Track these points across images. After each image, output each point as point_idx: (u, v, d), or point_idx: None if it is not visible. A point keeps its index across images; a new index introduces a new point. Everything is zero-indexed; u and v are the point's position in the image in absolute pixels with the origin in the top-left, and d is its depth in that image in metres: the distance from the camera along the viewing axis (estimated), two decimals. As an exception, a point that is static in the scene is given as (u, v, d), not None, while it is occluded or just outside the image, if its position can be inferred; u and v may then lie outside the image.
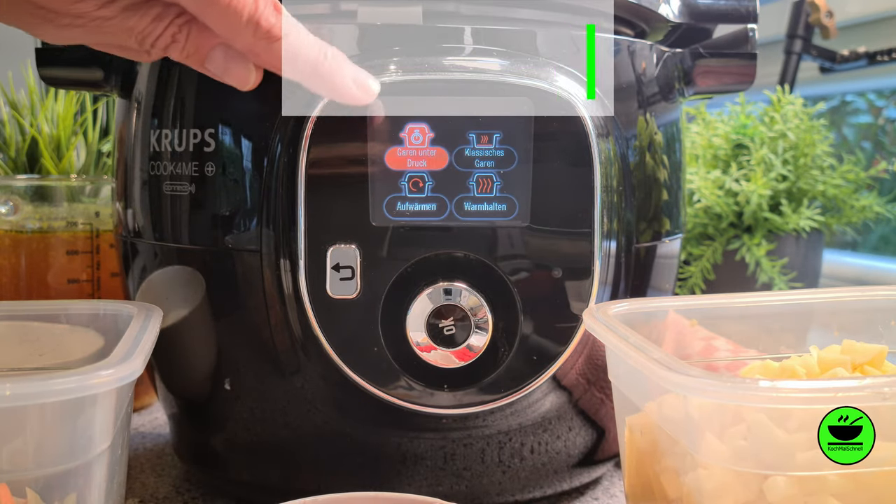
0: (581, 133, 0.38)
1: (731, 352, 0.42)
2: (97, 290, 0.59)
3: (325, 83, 0.35)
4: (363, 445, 0.41)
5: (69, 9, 0.31)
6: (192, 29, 0.34)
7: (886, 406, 0.28)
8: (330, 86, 0.35)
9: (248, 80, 0.35)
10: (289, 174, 0.38)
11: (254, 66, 0.35)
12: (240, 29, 0.32)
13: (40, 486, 0.30)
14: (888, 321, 0.41)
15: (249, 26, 0.32)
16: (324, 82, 0.35)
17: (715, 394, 0.28)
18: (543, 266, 0.39)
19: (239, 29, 0.32)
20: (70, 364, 0.38)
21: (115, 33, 0.33)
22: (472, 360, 0.38)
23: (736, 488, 0.29)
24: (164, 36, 0.33)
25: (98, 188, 0.60)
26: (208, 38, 0.34)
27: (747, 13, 0.47)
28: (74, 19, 0.32)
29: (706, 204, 0.77)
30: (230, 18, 0.32)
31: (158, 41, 0.33)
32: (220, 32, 0.33)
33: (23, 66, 0.67)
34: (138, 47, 0.34)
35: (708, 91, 0.47)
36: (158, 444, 0.55)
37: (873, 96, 1.18)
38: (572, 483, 0.45)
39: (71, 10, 0.31)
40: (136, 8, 0.32)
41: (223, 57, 0.34)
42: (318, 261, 0.38)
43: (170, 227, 0.42)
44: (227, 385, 0.42)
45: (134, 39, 0.33)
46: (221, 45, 0.34)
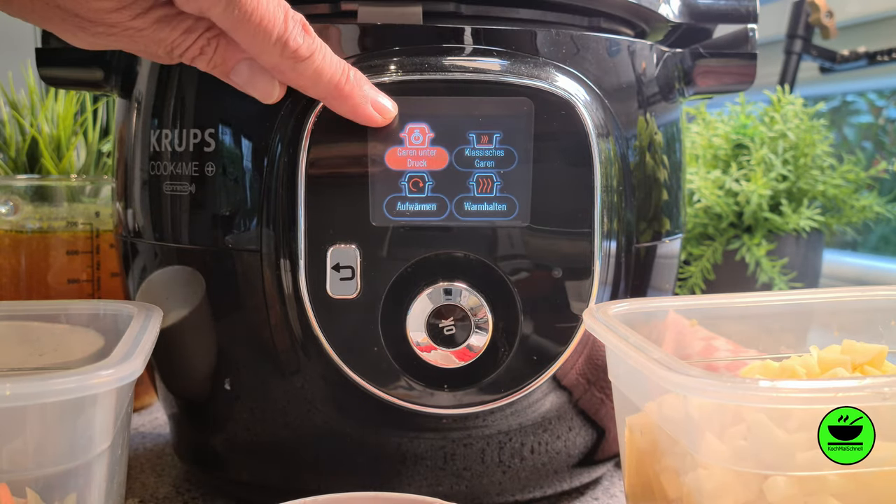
0: (581, 133, 0.38)
1: (731, 352, 0.42)
2: (97, 290, 0.59)
3: (345, 104, 0.36)
4: (363, 445, 0.41)
5: (103, 18, 0.32)
6: (220, 42, 0.34)
7: (886, 406, 0.28)
8: (350, 107, 0.36)
9: (272, 94, 0.36)
10: (289, 174, 0.38)
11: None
12: (268, 48, 0.33)
13: (40, 486, 0.30)
14: (888, 321, 0.41)
15: (277, 46, 0.33)
16: (344, 103, 0.36)
17: (715, 394, 0.28)
18: (543, 266, 0.39)
19: (267, 48, 0.33)
20: (70, 364, 0.38)
21: (145, 42, 0.34)
22: (472, 360, 0.39)
23: (736, 488, 0.29)
24: (193, 48, 0.34)
25: (98, 188, 0.60)
26: (235, 51, 0.35)
27: (747, 13, 0.47)
28: (108, 28, 0.32)
29: (706, 204, 0.77)
30: (259, 37, 0.33)
31: (187, 52, 0.34)
32: (248, 49, 0.34)
33: (23, 66, 0.67)
34: (166, 56, 0.35)
35: (708, 91, 0.47)
36: (158, 444, 0.55)
37: (874, 96, 1.18)
38: (572, 483, 0.45)
39: (105, 19, 0.32)
40: (168, 20, 0.33)
41: (249, 71, 0.35)
42: (318, 261, 0.38)
43: (170, 227, 0.42)
44: (227, 385, 0.42)
45: (163, 49, 0.34)
46: (248, 59, 0.35)
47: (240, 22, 0.32)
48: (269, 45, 0.33)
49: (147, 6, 0.32)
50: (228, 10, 0.31)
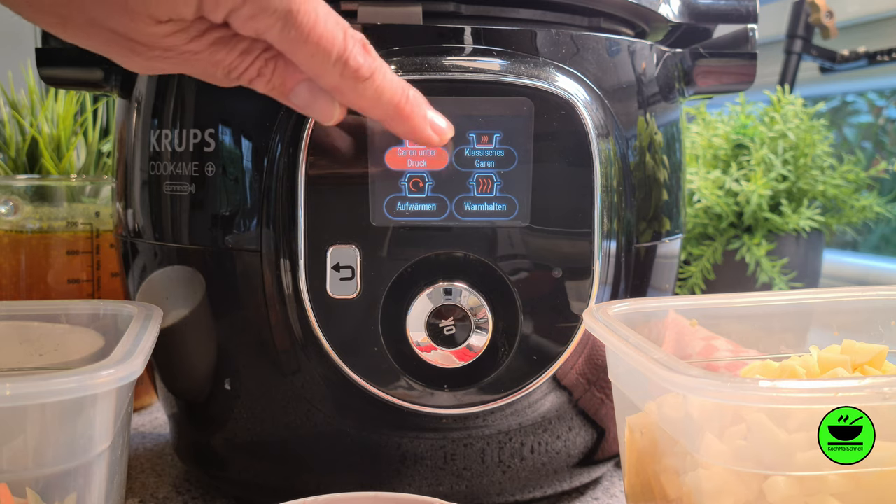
0: (581, 133, 0.38)
1: (731, 352, 0.42)
2: (97, 290, 0.59)
3: (405, 125, 0.35)
4: (363, 445, 0.41)
5: (159, 42, 0.31)
6: (278, 64, 0.34)
7: (886, 406, 0.28)
8: (410, 128, 0.35)
9: (333, 115, 0.35)
10: (289, 174, 0.38)
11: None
12: (327, 69, 0.32)
13: (40, 486, 0.30)
14: (888, 321, 0.41)
15: (337, 66, 0.32)
16: (404, 124, 0.35)
17: (715, 394, 0.28)
18: (543, 266, 0.39)
19: (326, 69, 0.32)
20: (70, 364, 0.39)
21: (202, 65, 0.33)
22: (473, 360, 0.39)
23: (736, 488, 0.29)
24: (251, 70, 0.33)
25: (98, 188, 0.60)
26: (294, 73, 0.34)
27: (747, 13, 0.47)
28: (163, 52, 0.32)
29: (706, 204, 0.77)
30: (318, 57, 0.32)
31: (244, 74, 0.33)
32: (308, 70, 0.33)
33: (23, 66, 0.67)
34: (224, 79, 0.34)
35: (708, 91, 0.47)
36: (158, 444, 0.55)
37: (874, 96, 1.18)
38: (572, 483, 0.45)
39: (160, 43, 0.31)
40: (223, 42, 0.32)
41: (308, 92, 0.34)
42: (318, 261, 0.38)
43: (170, 227, 0.42)
44: (227, 385, 0.42)
45: (221, 71, 0.33)
46: (307, 80, 0.34)
47: (297, 43, 0.31)
48: (328, 66, 0.32)
49: (202, 29, 0.31)
50: (285, 32, 0.31)
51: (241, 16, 0.30)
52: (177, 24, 0.30)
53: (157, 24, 0.30)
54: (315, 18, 0.31)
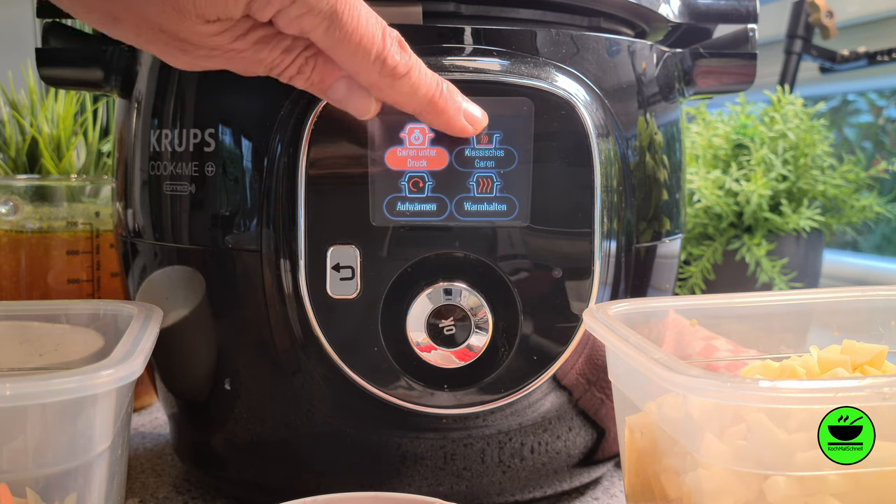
0: (581, 133, 0.38)
1: (731, 352, 0.42)
2: (97, 290, 0.59)
3: (439, 118, 0.36)
4: (363, 445, 0.41)
5: (206, 41, 0.32)
6: (318, 61, 0.35)
7: (886, 406, 0.28)
8: (444, 121, 0.36)
9: (369, 110, 0.36)
10: (289, 174, 0.38)
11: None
12: (366, 66, 0.33)
13: (40, 486, 0.30)
14: (888, 321, 0.41)
15: (376, 64, 0.33)
16: (438, 117, 0.36)
17: (715, 394, 0.28)
18: (543, 266, 0.39)
19: (366, 66, 0.33)
20: (70, 364, 0.39)
21: (245, 63, 0.34)
22: (473, 360, 0.39)
23: (736, 488, 0.29)
24: (292, 67, 0.34)
25: (98, 188, 0.60)
26: (333, 70, 0.35)
27: (747, 13, 0.47)
28: (210, 51, 0.33)
29: (706, 204, 0.77)
30: (358, 56, 0.33)
31: (286, 71, 0.34)
32: (347, 68, 0.34)
33: (23, 66, 0.67)
34: (265, 74, 0.35)
35: (708, 91, 0.47)
36: (158, 444, 0.55)
37: (874, 96, 1.18)
38: (572, 483, 0.45)
39: (207, 42, 0.32)
40: (266, 41, 0.33)
41: (346, 88, 0.35)
42: (318, 261, 0.38)
43: (170, 227, 0.42)
44: (227, 385, 0.42)
45: (263, 68, 0.34)
46: (345, 77, 0.35)
47: (340, 42, 0.32)
48: (367, 64, 0.33)
49: (247, 27, 0.32)
50: (330, 31, 0.32)
51: (287, 15, 0.31)
52: (224, 24, 0.31)
53: (205, 24, 0.31)
54: (357, 18, 0.32)
